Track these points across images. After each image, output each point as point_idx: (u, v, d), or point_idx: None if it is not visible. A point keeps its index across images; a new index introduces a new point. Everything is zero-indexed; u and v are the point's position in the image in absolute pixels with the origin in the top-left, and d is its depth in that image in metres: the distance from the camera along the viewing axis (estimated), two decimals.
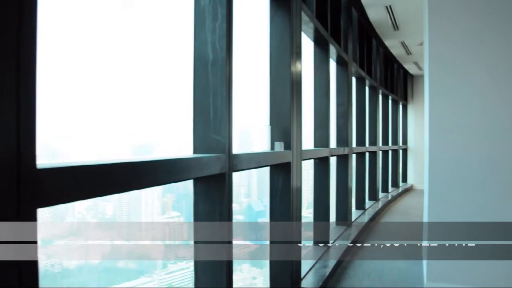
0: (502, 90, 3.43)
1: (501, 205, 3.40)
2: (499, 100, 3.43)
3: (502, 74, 3.42)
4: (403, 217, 7.32)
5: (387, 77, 9.13)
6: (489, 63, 3.43)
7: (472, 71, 3.46)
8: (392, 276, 3.93)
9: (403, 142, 11.42)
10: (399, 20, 6.58)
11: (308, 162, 4.51)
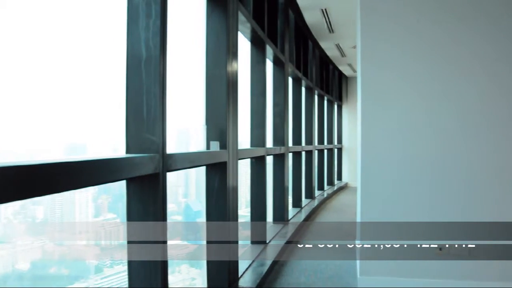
0: (432, 91, 3.57)
1: (431, 205, 3.57)
2: (429, 100, 3.57)
3: (432, 76, 3.57)
4: (338, 214, 7.54)
5: (322, 78, 9.38)
6: (419, 65, 3.57)
7: (402, 72, 3.60)
8: (327, 272, 4.03)
9: (338, 142, 11.78)
10: (334, 23, 6.78)
11: (246, 162, 4.54)
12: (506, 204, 3.49)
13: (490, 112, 3.51)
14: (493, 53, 3.49)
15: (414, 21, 3.56)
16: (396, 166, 3.60)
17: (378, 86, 3.63)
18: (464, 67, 3.54)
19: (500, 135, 3.51)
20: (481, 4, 3.51)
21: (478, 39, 3.51)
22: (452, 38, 3.54)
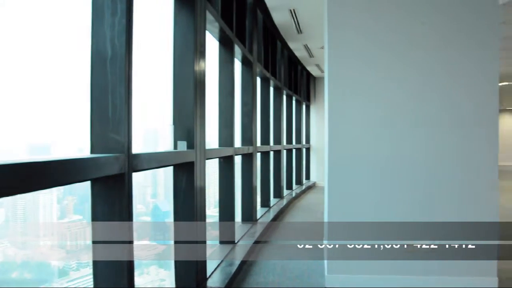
0: (399, 92, 3.65)
1: (397, 204, 3.65)
2: (396, 100, 3.65)
3: (399, 76, 3.65)
4: (306, 213, 7.60)
5: (291, 78, 9.45)
6: (386, 66, 3.65)
7: (369, 73, 3.66)
8: (296, 271, 4.06)
9: (306, 141, 11.89)
10: (302, 24, 6.83)
11: (215, 161, 4.53)
12: (468, 204, 3.62)
13: (454, 113, 3.63)
14: (452, 58, 3.62)
15: (380, 23, 3.64)
16: (362, 166, 3.67)
17: (344, 87, 3.68)
18: (428, 70, 3.64)
19: (463, 136, 3.63)
20: (441, 9, 3.63)
21: (439, 42, 3.63)
22: (417, 41, 3.64)
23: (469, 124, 3.62)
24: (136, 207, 3.42)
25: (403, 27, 3.64)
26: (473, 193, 3.62)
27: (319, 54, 8.73)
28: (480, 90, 3.62)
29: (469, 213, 3.59)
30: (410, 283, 3.57)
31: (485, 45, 3.61)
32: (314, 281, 3.79)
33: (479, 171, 3.62)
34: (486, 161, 3.62)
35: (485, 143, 3.62)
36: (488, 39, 3.61)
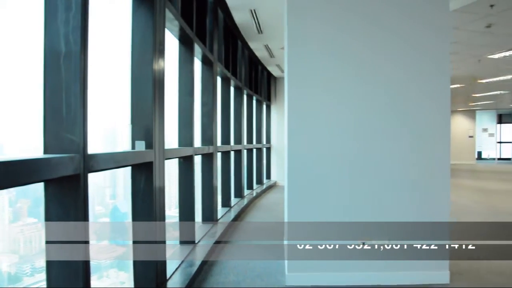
0: (359, 92, 3.73)
1: (355, 205, 3.73)
2: (355, 101, 3.72)
3: (356, 78, 3.72)
4: (267, 212, 7.64)
5: (251, 78, 9.47)
6: (345, 67, 3.71)
7: (328, 74, 3.71)
8: (257, 270, 4.07)
9: (267, 141, 11.95)
10: (263, 24, 6.86)
11: (176, 161, 4.47)
12: (421, 205, 3.75)
13: (408, 114, 3.74)
14: (406, 61, 3.74)
15: (340, 25, 3.71)
16: (321, 166, 3.72)
17: (304, 87, 3.72)
18: (383, 72, 3.74)
19: (416, 137, 3.76)
20: (395, 14, 3.74)
21: (393, 46, 3.74)
22: (373, 45, 3.73)
23: (422, 125, 3.75)
24: (95, 208, 3.34)
25: (360, 30, 3.72)
26: (426, 194, 3.76)
27: (280, 54, 8.79)
28: (433, 92, 3.76)
29: (422, 214, 3.73)
30: (367, 280, 3.67)
31: (437, 50, 3.75)
32: (274, 280, 3.81)
33: (432, 172, 3.76)
34: (438, 162, 3.77)
35: (437, 144, 3.76)
36: (440, 43, 3.76)
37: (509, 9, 5.81)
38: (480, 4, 5.61)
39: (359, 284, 3.65)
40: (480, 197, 9.64)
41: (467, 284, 3.69)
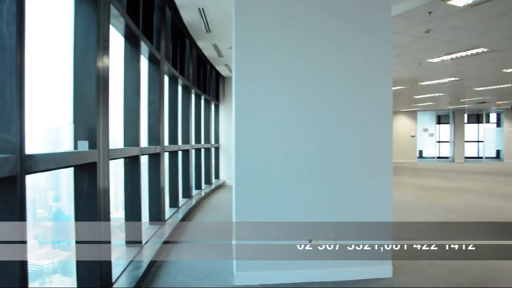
0: (305, 93, 3.79)
1: (301, 204, 3.79)
2: (302, 102, 3.78)
3: (302, 79, 3.78)
4: (216, 212, 7.61)
5: (200, 77, 9.40)
6: (292, 68, 3.76)
7: (276, 74, 3.75)
8: (205, 271, 4.04)
9: (215, 141, 11.91)
10: (211, 23, 6.81)
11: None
12: (364, 205, 3.87)
13: (352, 116, 3.85)
14: (351, 64, 3.85)
15: (287, 26, 3.75)
16: (268, 166, 3.75)
17: (251, 87, 3.74)
18: (328, 74, 3.84)
19: (359, 138, 3.87)
20: (339, 18, 3.83)
21: (338, 49, 3.84)
22: (319, 47, 3.81)
23: (366, 125, 3.88)
24: (36, 211, 3.19)
25: (307, 32, 3.78)
26: (369, 193, 3.89)
27: (228, 54, 8.78)
28: (376, 93, 3.90)
29: (366, 213, 3.85)
30: (314, 277, 3.75)
31: (380, 53, 3.90)
32: (223, 280, 3.80)
33: (375, 173, 3.90)
34: (381, 163, 3.91)
35: (380, 145, 3.90)
36: (382, 47, 3.90)
37: (445, 17, 6.11)
38: (420, 11, 5.87)
39: (306, 281, 3.72)
40: (421, 194, 10.09)
41: (409, 276, 3.85)
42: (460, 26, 6.70)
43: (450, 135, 25.35)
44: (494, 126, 25.95)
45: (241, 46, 3.75)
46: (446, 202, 8.76)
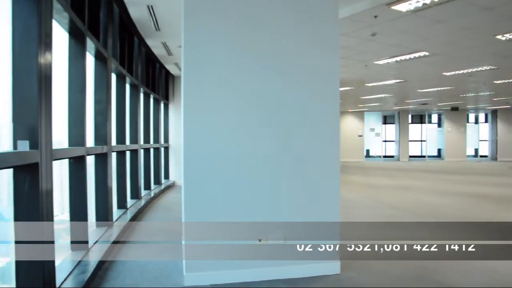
0: (255, 93, 3.82)
1: (249, 204, 3.82)
2: (252, 102, 3.81)
3: (254, 78, 3.81)
4: (165, 213, 7.52)
5: (149, 76, 9.22)
6: (242, 68, 3.78)
7: (225, 73, 3.76)
8: (154, 272, 3.98)
9: (165, 140, 11.74)
10: (160, 21, 6.70)
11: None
12: (312, 205, 3.96)
13: (301, 116, 3.92)
14: (299, 65, 3.93)
15: (236, 25, 3.76)
16: (216, 166, 3.76)
17: (200, 86, 3.72)
18: (277, 75, 3.89)
19: (307, 139, 3.95)
20: (288, 20, 3.89)
21: (287, 50, 3.89)
22: (269, 49, 3.86)
23: (314, 125, 3.96)
24: None
25: (257, 33, 3.82)
26: (317, 194, 3.97)
27: (178, 52, 8.67)
28: (323, 94, 3.99)
29: (315, 213, 3.93)
30: (264, 275, 3.79)
31: (328, 54, 3.99)
32: (172, 281, 3.76)
33: (323, 173, 3.99)
34: (328, 164, 4.00)
35: (328, 146, 3.99)
36: (330, 49, 4.01)
37: (390, 21, 6.34)
38: (366, 14, 6.05)
39: (256, 280, 3.74)
40: (368, 192, 10.41)
41: (356, 272, 3.96)
42: (404, 31, 6.97)
43: (396, 134, 26.30)
44: (436, 127, 27.19)
45: (189, 45, 3.73)
46: (392, 199, 9.10)
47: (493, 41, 7.62)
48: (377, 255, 4.24)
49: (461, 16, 6.14)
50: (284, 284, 3.70)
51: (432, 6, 5.59)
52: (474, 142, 26.81)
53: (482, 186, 11.66)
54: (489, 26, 6.68)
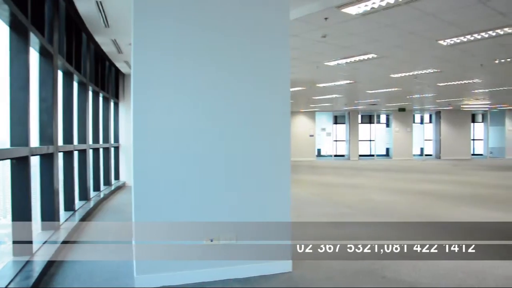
0: (206, 93, 3.78)
1: (200, 204, 3.78)
2: (202, 101, 3.78)
3: (205, 78, 3.77)
4: (116, 214, 7.34)
5: (98, 74, 8.95)
6: (192, 66, 3.74)
7: (176, 72, 3.71)
8: (104, 275, 3.88)
9: (115, 140, 11.46)
10: (110, 17, 6.52)
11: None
12: (263, 205, 3.98)
13: (252, 116, 3.94)
14: (250, 66, 3.95)
15: (185, 28, 3.72)
16: (168, 166, 3.71)
17: (150, 86, 3.66)
18: (228, 75, 3.89)
19: (258, 139, 3.97)
20: (238, 20, 3.90)
21: (237, 50, 3.90)
22: (218, 48, 3.84)
23: (265, 125, 3.98)
24: None
25: (207, 33, 3.80)
26: (268, 194, 4.00)
27: (128, 50, 8.47)
28: (274, 94, 4.02)
29: (266, 213, 3.96)
30: (216, 276, 3.78)
31: (278, 55, 4.03)
32: (122, 283, 3.69)
33: (273, 174, 4.02)
34: (279, 164, 4.04)
35: (278, 146, 4.03)
36: (280, 50, 4.05)
37: (339, 23, 6.47)
38: (317, 16, 6.15)
39: (209, 280, 3.73)
40: (318, 190, 10.59)
41: (308, 270, 4.02)
42: (354, 33, 7.15)
43: (346, 134, 26.94)
44: (384, 127, 28.10)
45: (139, 43, 3.66)
46: (343, 197, 9.31)
47: (436, 46, 7.97)
48: (329, 254, 4.33)
49: (407, 21, 6.37)
50: (237, 283, 3.70)
51: (379, 10, 5.76)
52: (420, 142, 27.92)
53: (428, 183, 12.16)
54: (432, 31, 6.98)
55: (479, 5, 5.57)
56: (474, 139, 27.82)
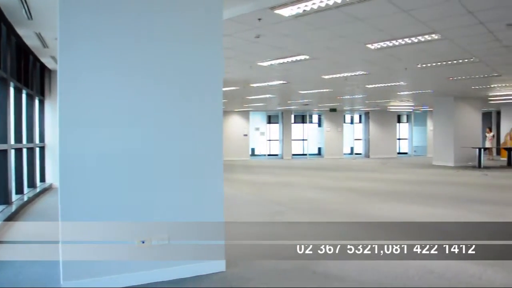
0: (137, 92, 3.71)
1: (135, 205, 3.70)
2: (131, 99, 3.69)
3: (135, 76, 3.70)
4: (42, 218, 6.97)
5: (20, 69, 8.43)
6: (121, 64, 3.65)
7: (104, 69, 3.61)
8: (28, 282, 3.71)
9: (40, 140, 10.85)
10: (33, 9, 6.15)
11: None
12: (195, 206, 3.95)
13: (184, 115, 3.90)
14: (181, 65, 3.91)
15: (113, 24, 3.61)
16: (97, 166, 3.61)
17: (77, 83, 3.54)
18: (159, 74, 3.83)
19: (191, 139, 3.94)
20: (171, 19, 3.84)
21: (169, 49, 3.86)
22: (150, 47, 3.78)
23: (196, 126, 3.96)
24: None
25: (137, 30, 3.72)
26: (200, 194, 3.99)
27: (55, 45, 8.05)
28: (206, 93, 4.01)
29: (198, 214, 3.94)
30: (149, 278, 3.71)
31: (211, 55, 4.02)
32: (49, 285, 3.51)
33: (206, 174, 4.02)
34: (211, 164, 4.04)
35: (210, 146, 4.02)
36: (213, 49, 4.05)
37: (273, 24, 6.56)
38: (250, 16, 6.19)
39: (140, 283, 3.64)
40: (252, 189, 10.69)
41: (242, 269, 4.04)
42: (287, 34, 7.27)
43: (279, 134, 27.39)
44: (316, 126, 28.88)
45: (66, 39, 3.53)
46: (276, 196, 9.47)
47: (364, 49, 8.32)
48: (263, 253, 4.39)
49: (338, 24, 6.59)
50: (170, 285, 3.66)
51: (311, 13, 5.90)
52: (350, 141, 29.01)
53: (357, 181, 12.67)
54: (361, 35, 7.28)
55: (403, 13, 5.90)
56: (400, 138, 29.32)
